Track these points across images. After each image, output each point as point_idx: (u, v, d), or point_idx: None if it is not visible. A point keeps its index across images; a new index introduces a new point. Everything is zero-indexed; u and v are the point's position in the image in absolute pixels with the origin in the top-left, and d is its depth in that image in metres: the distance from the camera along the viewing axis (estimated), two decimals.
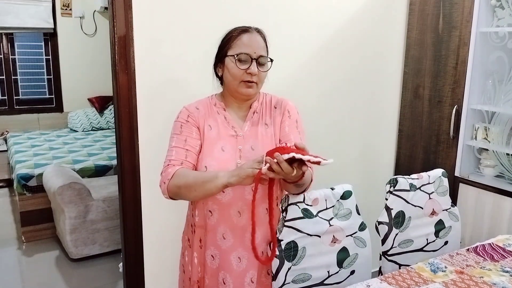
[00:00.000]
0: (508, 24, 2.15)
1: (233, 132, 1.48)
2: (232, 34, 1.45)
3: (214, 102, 1.52)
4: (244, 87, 1.43)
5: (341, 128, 2.58)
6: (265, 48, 1.47)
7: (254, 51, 1.41)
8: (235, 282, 1.48)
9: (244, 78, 1.42)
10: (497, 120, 2.22)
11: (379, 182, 2.54)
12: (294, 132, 1.51)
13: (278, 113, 1.52)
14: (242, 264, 1.48)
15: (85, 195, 3.10)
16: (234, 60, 1.41)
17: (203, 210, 1.50)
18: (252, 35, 1.44)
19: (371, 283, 1.46)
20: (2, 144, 5.07)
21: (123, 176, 1.99)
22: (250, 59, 1.41)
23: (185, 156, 1.44)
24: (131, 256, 2.07)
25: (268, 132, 1.50)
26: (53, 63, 5.47)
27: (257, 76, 1.43)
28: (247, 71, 1.41)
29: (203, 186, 1.35)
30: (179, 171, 1.40)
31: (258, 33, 1.47)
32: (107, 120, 5.47)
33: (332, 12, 2.39)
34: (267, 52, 1.48)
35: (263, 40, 1.47)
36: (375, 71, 2.63)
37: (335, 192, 1.63)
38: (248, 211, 1.43)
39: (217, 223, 1.47)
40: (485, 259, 1.65)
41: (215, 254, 1.49)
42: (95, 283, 2.91)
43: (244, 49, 1.41)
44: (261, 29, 1.49)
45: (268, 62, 1.46)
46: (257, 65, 1.42)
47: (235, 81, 1.43)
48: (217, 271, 1.50)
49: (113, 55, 1.91)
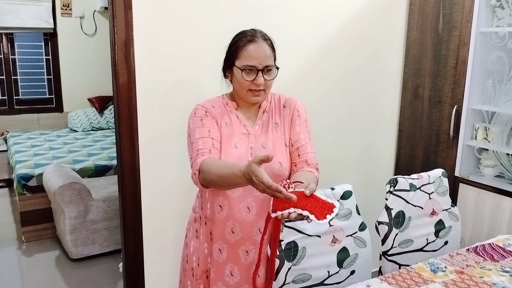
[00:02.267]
0: (508, 24, 2.15)
1: (245, 130, 1.53)
2: (239, 44, 1.46)
3: (225, 102, 1.56)
4: (251, 96, 1.48)
5: (341, 128, 2.58)
6: (271, 56, 1.48)
7: (260, 62, 1.44)
8: (242, 275, 1.52)
9: (251, 87, 1.46)
10: (497, 120, 2.22)
11: (379, 182, 2.54)
12: (304, 131, 1.56)
13: (288, 112, 1.57)
14: (249, 257, 1.52)
15: (85, 195, 3.10)
16: (240, 72, 1.44)
17: (213, 204, 1.53)
18: (257, 45, 1.45)
19: (371, 283, 1.46)
20: (2, 144, 5.06)
21: (123, 176, 1.99)
22: (256, 71, 1.43)
23: (212, 144, 1.45)
24: (131, 256, 2.07)
25: (278, 131, 1.55)
26: (53, 63, 5.47)
27: (264, 84, 1.46)
28: (254, 82, 1.44)
29: (227, 179, 1.31)
30: (205, 162, 1.38)
31: (265, 41, 1.47)
32: (107, 120, 5.47)
33: (332, 12, 2.39)
34: (274, 57, 1.50)
35: (270, 47, 1.48)
36: (375, 71, 2.63)
37: (335, 192, 1.63)
38: (257, 207, 1.49)
39: (226, 218, 1.51)
40: (485, 259, 1.65)
41: (223, 248, 1.53)
42: (95, 283, 2.91)
43: (250, 61, 1.43)
44: (268, 36, 1.50)
45: (275, 69, 1.48)
46: (263, 74, 1.44)
47: (243, 90, 1.48)
48: (224, 264, 1.54)
49: (113, 55, 1.91)
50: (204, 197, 1.57)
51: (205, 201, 1.57)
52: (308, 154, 1.54)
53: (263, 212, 1.49)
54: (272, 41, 1.50)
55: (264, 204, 1.49)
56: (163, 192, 2.06)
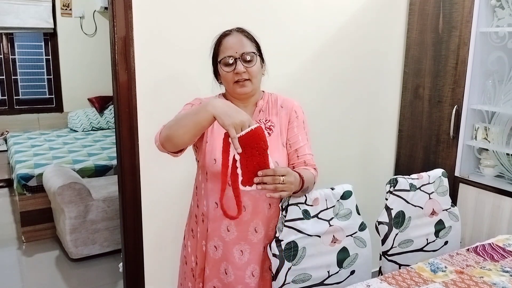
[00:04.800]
0: (508, 24, 2.15)
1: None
2: (216, 41, 1.51)
3: None
4: (238, 87, 1.48)
5: (341, 128, 2.58)
6: (250, 44, 1.48)
7: (235, 51, 1.45)
8: (236, 274, 1.51)
9: (234, 78, 1.46)
10: (497, 120, 2.22)
11: (379, 182, 2.54)
12: (302, 133, 1.57)
13: (285, 113, 1.57)
14: (244, 257, 1.51)
15: (85, 195, 3.10)
16: (221, 66, 1.47)
17: (209, 202, 1.53)
18: (232, 37, 1.48)
19: (371, 283, 1.46)
20: (2, 144, 5.06)
21: (123, 176, 2.00)
22: (234, 60, 1.44)
23: None
24: (131, 256, 2.07)
25: (274, 130, 1.54)
26: (53, 63, 5.47)
27: (247, 73, 1.45)
28: (234, 71, 1.45)
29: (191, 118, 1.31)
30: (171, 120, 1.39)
31: (240, 33, 1.49)
32: (107, 120, 5.47)
33: (332, 12, 2.39)
34: (256, 47, 1.50)
35: (247, 38, 1.49)
36: (375, 71, 2.63)
37: (335, 192, 1.63)
38: (252, 206, 1.49)
39: (221, 216, 1.49)
40: (485, 259, 1.65)
41: (218, 245, 1.53)
42: (95, 283, 2.91)
43: (226, 52, 1.46)
44: (243, 28, 1.52)
45: (257, 56, 1.48)
46: (242, 62, 1.44)
47: (229, 84, 1.49)
48: (219, 261, 1.53)
49: (113, 55, 1.91)
50: (200, 195, 1.57)
51: (201, 198, 1.56)
52: (307, 156, 1.55)
53: (258, 212, 1.50)
54: (249, 32, 1.51)
55: (259, 203, 1.49)
56: (163, 192, 2.06)
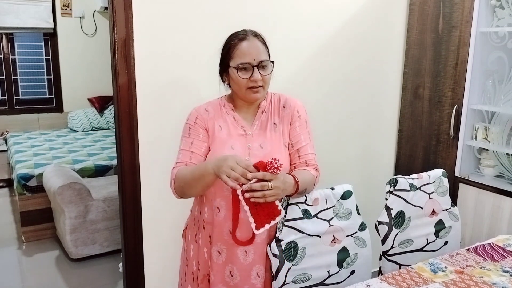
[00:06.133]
0: (508, 24, 2.15)
1: (242, 131, 1.53)
2: (231, 44, 1.48)
3: (223, 104, 1.57)
4: (251, 94, 1.48)
5: (341, 128, 2.58)
6: (265, 51, 1.49)
7: (253, 58, 1.44)
8: (242, 275, 1.52)
9: (249, 85, 1.46)
10: (497, 120, 2.22)
11: (379, 182, 2.54)
12: (304, 132, 1.57)
13: (287, 113, 1.57)
14: (248, 257, 1.51)
15: (85, 195, 3.10)
16: (236, 71, 1.45)
17: (211, 207, 1.53)
18: (249, 42, 1.46)
19: (371, 283, 1.46)
20: (2, 144, 5.07)
21: (123, 176, 2.00)
22: (251, 67, 1.44)
23: (190, 158, 1.50)
24: (131, 256, 2.07)
25: (276, 131, 1.55)
26: (53, 63, 5.47)
27: (262, 80, 1.46)
28: (251, 78, 1.45)
29: (199, 180, 1.41)
30: (180, 170, 1.47)
31: (256, 38, 1.49)
32: (107, 120, 5.47)
33: (332, 12, 2.39)
34: (268, 53, 1.50)
35: (262, 43, 1.49)
36: (375, 71, 2.63)
37: (335, 192, 1.63)
38: None
39: (224, 219, 1.50)
40: (485, 259, 1.65)
41: (222, 249, 1.53)
42: (95, 283, 2.91)
43: (244, 59, 1.44)
44: (258, 33, 1.51)
45: (270, 64, 1.49)
46: (259, 70, 1.45)
47: (241, 89, 1.48)
48: (223, 265, 1.53)
49: (113, 55, 1.91)
50: (202, 200, 1.57)
51: (203, 204, 1.56)
52: (308, 155, 1.55)
53: None
54: (263, 37, 1.51)
55: None
56: (163, 192, 2.06)
